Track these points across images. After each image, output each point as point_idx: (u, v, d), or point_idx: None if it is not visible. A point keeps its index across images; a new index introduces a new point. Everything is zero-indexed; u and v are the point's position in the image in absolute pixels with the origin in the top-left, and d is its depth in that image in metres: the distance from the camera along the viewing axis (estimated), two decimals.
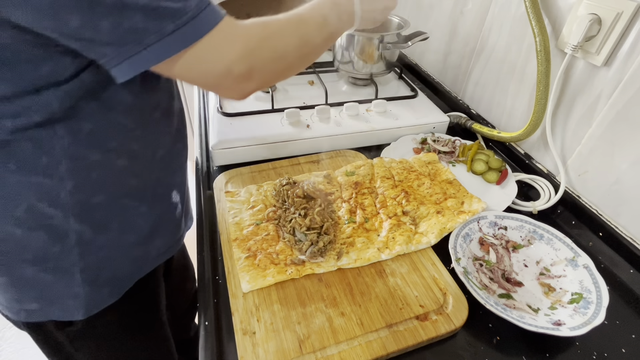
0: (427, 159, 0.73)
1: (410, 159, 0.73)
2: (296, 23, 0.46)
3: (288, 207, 0.59)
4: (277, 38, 0.44)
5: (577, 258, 0.54)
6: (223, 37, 0.39)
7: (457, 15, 0.91)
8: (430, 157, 0.74)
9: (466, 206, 0.62)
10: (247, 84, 0.43)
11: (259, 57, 0.42)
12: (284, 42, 0.45)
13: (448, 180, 0.68)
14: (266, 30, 0.43)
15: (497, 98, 0.84)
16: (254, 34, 0.42)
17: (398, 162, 0.72)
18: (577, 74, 0.64)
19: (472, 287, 0.49)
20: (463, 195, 0.65)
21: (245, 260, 0.53)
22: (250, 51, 0.41)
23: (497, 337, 0.48)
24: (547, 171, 0.73)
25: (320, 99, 0.85)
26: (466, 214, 0.60)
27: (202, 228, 0.61)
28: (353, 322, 0.47)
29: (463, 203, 0.63)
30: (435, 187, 0.66)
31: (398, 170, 0.70)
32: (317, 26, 0.49)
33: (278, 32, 0.44)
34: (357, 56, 0.86)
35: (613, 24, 0.56)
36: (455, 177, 0.69)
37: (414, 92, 0.91)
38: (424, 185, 0.66)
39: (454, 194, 0.65)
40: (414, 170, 0.70)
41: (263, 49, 0.43)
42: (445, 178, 0.69)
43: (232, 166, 0.71)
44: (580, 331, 0.45)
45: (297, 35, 0.46)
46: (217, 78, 0.41)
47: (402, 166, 0.71)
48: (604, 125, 0.61)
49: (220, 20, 0.39)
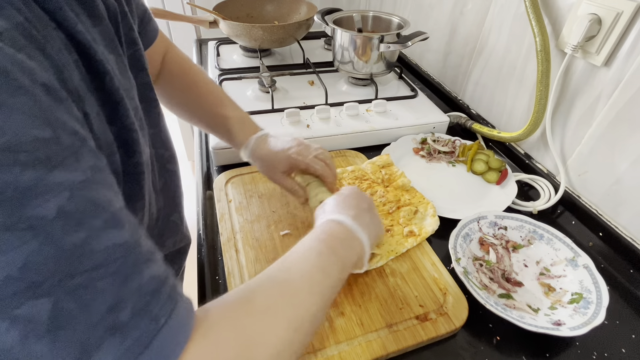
0: (381, 162, 0.71)
1: (363, 165, 0.70)
2: (289, 299, 0.32)
3: None
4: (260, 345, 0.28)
5: (577, 258, 0.54)
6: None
7: (457, 15, 0.92)
8: (384, 161, 0.71)
9: (415, 228, 0.59)
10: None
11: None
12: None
13: (403, 187, 0.66)
14: (242, 338, 0.28)
15: (497, 98, 0.84)
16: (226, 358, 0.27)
17: (350, 172, 0.69)
18: (577, 74, 0.64)
19: (472, 287, 0.49)
20: (418, 201, 0.63)
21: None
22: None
23: (497, 337, 0.48)
24: (547, 171, 0.73)
25: (320, 99, 0.85)
26: (414, 237, 0.57)
27: (202, 228, 0.61)
28: (353, 322, 0.47)
29: (416, 212, 0.61)
30: (388, 195, 0.64)
31: (349, 180, 0.67)
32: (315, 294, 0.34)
33: (260, 334, 0.29)
34: (357, 56, 0.86)
35: (613, 24, 0.56)
36: (409, 182, 0.66)
37: (414, 92, 0.91)
38: (377, 194, 0.64)
39: (409, 201, 0.63)
40: (366, 179, 0.67)
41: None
42: (401, 184, 0.66)
43: (232, 166, 0.71)
44: (580, 331, 0.45)
45: (287, 321, 0.31)
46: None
47: (354, 175, 0.68)
48: (604, 126, 0.61)
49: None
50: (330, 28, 0.88)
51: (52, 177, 0.20)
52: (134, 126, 0.35)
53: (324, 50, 1.16)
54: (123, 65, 0.36)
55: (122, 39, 0.37)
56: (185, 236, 0.61)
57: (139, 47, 0.41)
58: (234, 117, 0.58)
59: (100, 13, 0.32)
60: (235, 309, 0.29)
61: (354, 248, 0.41)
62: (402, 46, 0.81)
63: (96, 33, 0.31)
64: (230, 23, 0.93)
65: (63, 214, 0.21)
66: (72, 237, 0.21)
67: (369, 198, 0.49)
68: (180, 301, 0.26)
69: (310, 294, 0.33)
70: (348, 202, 0.45)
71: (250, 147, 0.57)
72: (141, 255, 0.25)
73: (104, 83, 0.30)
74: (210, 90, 0.60)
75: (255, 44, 0.98)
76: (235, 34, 0.96)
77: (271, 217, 0.61)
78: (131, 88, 0.37)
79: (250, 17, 1.11)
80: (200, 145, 0.79)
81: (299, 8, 1.12)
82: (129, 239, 0.24)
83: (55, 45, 0.25)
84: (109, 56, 0.33)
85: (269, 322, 0.29)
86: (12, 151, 0.19)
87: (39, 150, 0.20)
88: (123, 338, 0.22)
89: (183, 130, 2.03)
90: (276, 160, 0.55)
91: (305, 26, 0.99)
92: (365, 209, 0.45)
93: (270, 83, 0.86)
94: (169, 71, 0.58)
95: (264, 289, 0.32)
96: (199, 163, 0.75)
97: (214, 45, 1.13)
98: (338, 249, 0.39)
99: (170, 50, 0.59)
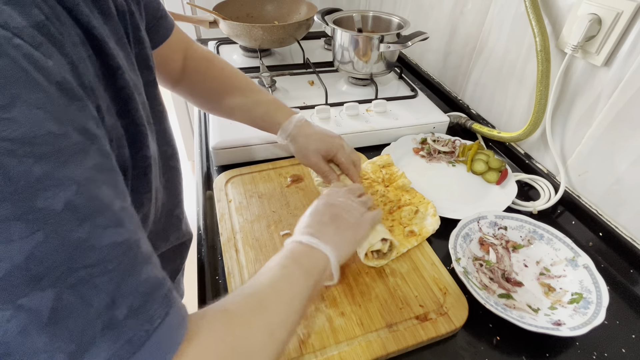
0: (382, 162, 0.71)
1: (363, 165, 0.70)
2: (259, 311, 0.33)
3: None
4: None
5: (577, 258, 0.54)
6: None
7: (457, 15, 0.91)
8: (385, 160, 0.71)
9: (416, 228, 0.59)
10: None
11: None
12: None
13: (403, 187, 0.66)
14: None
15: (497, 98, 0.84)
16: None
17: None
18: (577, 74, 0.64)
19: (472, 287, 0.49)
20: (419, 201, 0.63)
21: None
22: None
23: (497, 337, 0.48)
24: (547, 171, 0.73)
25: (320, 99, 0.85)
26: (415, 237, 0.58)
27: (202, 228, 0.61)
28: (353, 322, 0.47)
29: (417, 211, 0.61)
30: (389, 195, 0.64)
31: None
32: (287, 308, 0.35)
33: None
34: (357, 56, 0.86)
35: (613, 24, 0.56)
36: (410, 182, 0.66)
37: (414, 92, 0.91)
38: (377, 193, 0.64)
39: (409, 200, 0.63)
40: (366, 178, 0.68)
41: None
42: (402, 185, 0.66)
43: (232, 166, 0.71)
44: (580, 331, 0.45)
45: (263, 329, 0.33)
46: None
47: None
48: (604, 126, 0.61)
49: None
50: (330, 28, 0.88)
51: (61, 171, 0.21)
52: (143, 120, 0.36)
53: (324, 50, 1.16)
54: (131, 62, 0.36)
55: (130, 37, 0.37)
56: (187, 232, 0.62)
57: (146, 46, 0.42)
58: (269, 100, 0.61)
59: (110, 11, 0.33)
60: (215, 318, 0.31)
61: (318, 259, 0.42)
62: (402, 46, 0.81)
63: (107, 30, 0.32)
64: (230, 23, 0.93)
65: (70, 208, 0.21)
66: (76, 231, 0.22)
67: (334, 206, 0.49)
68: (175, 305, 0.27)
69: (278, 302, 0.35)
70: (306, 221, 0.46)
71: (291, 127, 0.59)
72: (140, 255, 0.25)
73: (116, 77, 0.31)
74: (240, 79, 0.62)
75: (255, 44, 0.98)
76: (235, 34, 0.96)
77: (271, 217, 0.61)
78: (139, 84, 0.38)
79: (250, 17, 1.11)
80: (200, 145, 0.79)
81: (299, 8, 1.12)
82: (129, 238, 0.25)
83: (72, 40, 0.25)
84: (120, 52, 0.33)
85: (244, 330, 0.31)
86: (27, 143, 0.20)
87: (51, 144, 0.21)
88: (118, 336, 0.23)
89: (183, 130, 2.03)
90: (319, 143, 0.58)
91: (305, 26, 0.99)
92: (326, 222, 0.46)
93: (270, 83, 0.86)
94: (194, 69, 0.59)
95: (236, 302, 0.34)
96: (199, 163, 0.75)
97: (214, 45, 1.13)
98: (301, 260, 0.41)
99: (191, 47, 0.59)
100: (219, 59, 0.62)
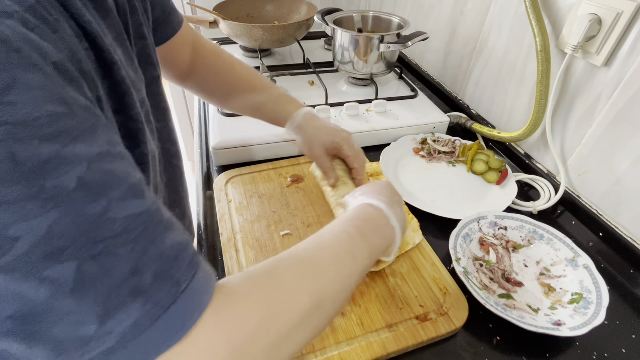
0: (371, 170, 0.71)
1: None
2: (312, 276, 0.33)
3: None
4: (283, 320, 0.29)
5: (577, 258, 0.54)
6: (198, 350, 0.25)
7: (457, 15, 0.91)
8: (374, 169, 0.71)
9: None
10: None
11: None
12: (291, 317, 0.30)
13: None
14: (266, 311, 0.29)
15: (497, 98, 0.84)
16: (245, 328, 0.27)
17: None
18: (577, 74, 0.64)
19: (472, 287, 0.49)
20: None
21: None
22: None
23: (497, 337, 0.48)
24: (547, 171, 0.73)
25: (320, 99, 0.85)
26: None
27: (202, 228, 0.61)
28: (353, 322, 0.47)
29: None
30: None
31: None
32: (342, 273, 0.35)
33: (284, 311, 0.30)
34: (357, 56, 0.86)
35: (613, 24, 0.56)
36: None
37: (414, 92, 0.91)
38: None
39: None
40: None
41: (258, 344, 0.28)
42: None
43: (232, 166, 0.71)
44: (580, 331, 0.45)
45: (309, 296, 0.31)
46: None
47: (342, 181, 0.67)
48: (604, 125, 0.61)
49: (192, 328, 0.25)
50: (330, 28, 0.88)
51: (70, 150, 0.21)
52: (140, 117, 0.36)
53: (324, 50, 1.16)
54: (130, 59, 0.36)
55: (131, 34, 0.37)
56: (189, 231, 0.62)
57: (149, 42, 0.42)
58: (279, 94, 0.62)
59: (108, 7, 0.33)
60: (260, 282, 0.30)
61: (385, 235, 0.41)
62: (402, 46, 0.81)
63: (104, 25, 0.32)
64: (230, 23, 0.93)
65: (83, 185, 0.22)
66: (92, 206, 0.22)
67: (398, 195, 0.49)
68: (200, 267, 0.27)
69: (336, 275, 0.34)
70: (381, 190, 0.46)
71: (299, 119, 0.59)
72: (162, 222, 0.26)
73: (112, 72, 0.31)
74: (248, 73, 0.62)
75: (255, 44, 0.98)
76: (235, 34, 0.96)
77: (271, 217, 0.61)
78: (139, 81, 0.38)
79: (250, 17, 1.11)
80: (200, 145, 0.79)
81: (299, 8, 1.12)
82: (149, 208, 0.25)
83: (67, 31, 0.25)
84: (117, 49, 0.33)
85: (292, 295, 0.30)
86: (28, 125, 0.20)
87: (55, 124, 0.21)
88: (145, 300, 0.23)
89: (183, 130, 2.03)
90: (324, 136, 0.58)
91: (305, 26, 0.99)
92: (397, 202, 0.46)
93: None
94: (203, 64, 0.60)
95: (290, 265, 0.33)
96: (199, 163, 0.75)
97: None
98: (369, 235, 0.39)
99: (199, 42, 0.60)
100: (227, 54, 0.63)
